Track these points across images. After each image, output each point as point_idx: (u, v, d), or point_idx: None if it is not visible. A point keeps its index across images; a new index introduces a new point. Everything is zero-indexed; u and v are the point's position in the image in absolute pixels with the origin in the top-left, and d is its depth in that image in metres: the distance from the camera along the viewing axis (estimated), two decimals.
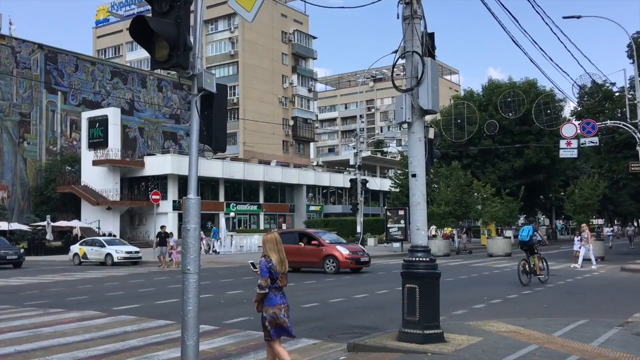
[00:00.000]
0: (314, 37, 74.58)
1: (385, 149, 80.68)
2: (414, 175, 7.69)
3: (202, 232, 36.96)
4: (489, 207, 34.82)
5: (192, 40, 4.84)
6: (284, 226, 50.66)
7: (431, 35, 8.09)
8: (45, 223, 39.02)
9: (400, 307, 7.46)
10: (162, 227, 27.89)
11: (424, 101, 7.54)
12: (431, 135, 8.62)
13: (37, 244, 38.16)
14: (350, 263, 20.23)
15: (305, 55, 72.73)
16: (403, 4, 7.78)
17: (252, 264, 6.04)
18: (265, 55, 67.18)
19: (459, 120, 35.46)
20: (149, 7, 4.98)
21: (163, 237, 26.13)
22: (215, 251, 35.72)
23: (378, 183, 58.02)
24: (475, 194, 36.40)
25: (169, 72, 65.20)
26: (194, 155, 4.87)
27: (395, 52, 8.20)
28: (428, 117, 10.00)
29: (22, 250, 29.55)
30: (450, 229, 37.41)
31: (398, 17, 7.88)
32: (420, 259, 7.35)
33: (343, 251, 20.30)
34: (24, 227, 39.97)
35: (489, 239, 33.13)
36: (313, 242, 20.82)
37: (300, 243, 20.80)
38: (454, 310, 10.88)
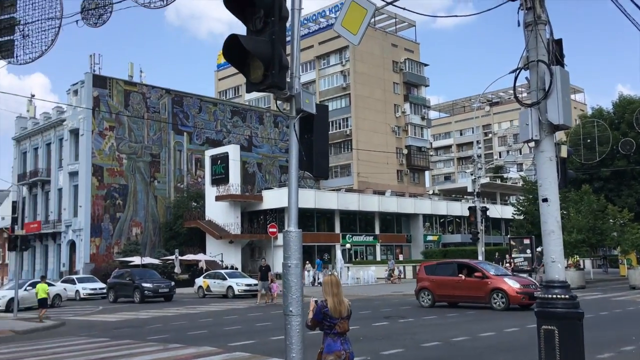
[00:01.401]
0: (426, 65, 73.56)
1: (505, 175, 76.95)
2: (545, 200, 6.70)
3: (307, 264, 37.12)
4: (628, 234, 31.49)
5: (289, 58, 4.42)
6: (400, 257, 49.41)
7: (558, 42, 7.17)
8: (173, 257, 41.02)
9: (534, 349, 6.43)
10: (264, 259, 27.66)
11: (553, 115, 6.59)
12: (564, 153, 7.57)
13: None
14: (523, 298, 17.80)
15: (417, 83, 71.83)
16: (524, 10, 6.95)
17: (315, 301, 5.47)
18: (376, 86, 67.19)
19: (588, 141, 32.69)
20: None
21: (264, 270, 25.23)
22: (320, 283, 35.38)
23: (499, 210, 55.07)
24: (611, 220, 33.15)
25: (284, 108, 67.34)
26: (294, 184, 4.39)
27: (513, 71, 7.38)
28: (558, 134, 8.90)
29: (172, 284, 29.80)
30: (575, 257, 34.23)
31: (519, 25, 7.07)
32: (559, 296, 6.30)
33: (513, 284, 18.09)
34: (155, 261, 42.22)
35: (630, 269, 29.78)
36: (476, 274, 18.81)
37: (460, 275, 19.08)
38: (598, 353, 9.47)
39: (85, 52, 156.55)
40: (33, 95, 59.41)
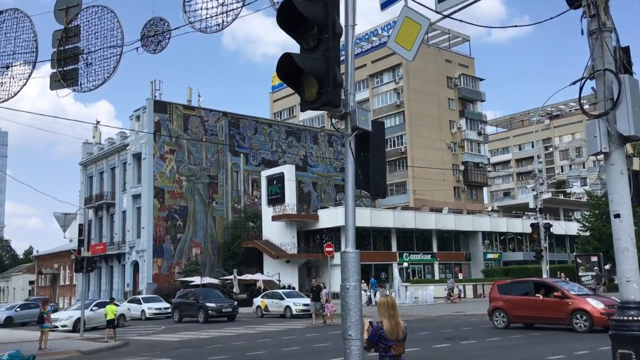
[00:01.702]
0: (481, 79, 72.32)
1: (568, 190, 74.19)
2: (617, 216, 6.29)
3: (362, 283, 36.57)
4: None
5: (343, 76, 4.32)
6: (460, 276, 48.17)
7: (626, 50, 6.81)
8: (232, 277, 41.46)
9: None
10: (314, 280, 27.47)
11: (623, 126, 6.22)
12: (636, 166, 7.13)
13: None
14: (608, 319, 16.95)
15: (472, 99, 70.62)
16: (588, 17, 6.64)
17: (370, 322, 5.26)
18: (431, 102, 66.47)
19: None
20: None
21: (315, 291, 24.70)
22: (376, 303, 34.90)
23: (563, 227, 52.96)
24: None
25: (338, 128, 67.18)
26: (350, 204, 4.26)
27: (576, 82, 7.04)
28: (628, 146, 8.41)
29: (236, 303, 29.91)
30: None
31: (582, 33, 6.76)
32: (635, 318, 5.88)
33: (597, 305, 16.86)
34: (214, 281, 42.78)
35: None
36: (555, 293, 17.75)
37: (538, 295, 18.07)
38: None
39: (147, 78, 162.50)
40: (98, 122, 62.10)
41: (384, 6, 7.98)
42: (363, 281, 41.11)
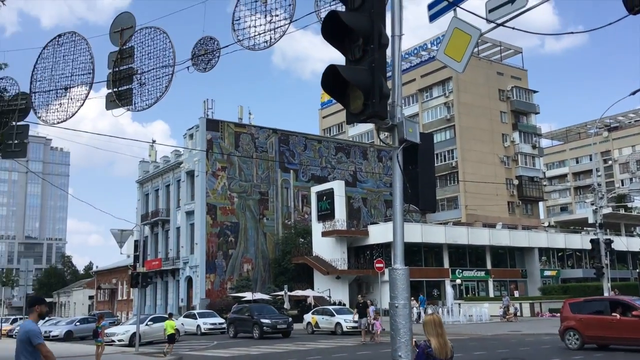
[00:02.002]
0: (535, 92, 70.53)
1: (629, 204, 71.09)
2: None
3: (412, 300, 35.74)
4: None
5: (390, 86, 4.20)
6: (516, 293, 46.60)
7: None
8: (283, 292, 41.50)
9: None
10: (360, 296, 26.64)
11: None
12: None
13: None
14: None
15: (526, 111, 68.89)
16: None
17: (415, 342, 5.02)
18: (482, 116, 65.24)
19: None
20: None
21: (362, 307, 23.97)
22: None
23: (624, 242, 50.64)
24: None
25: (387, 141, 66.39)
26: (399, 219, 4.11)
27: (635, 93, 6.69)
28: None
29: (290, 319, 29.60)
30: None
31: None
32: None
33: None
34: (266, 297, 42.91)
35: None
36: (634, 312, 16.71)
37: (614, 314, 17.14)
38: None
39: (200, 97, 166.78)
40: (154, 141, 63.96)
41: (432, 18, 7.84)
42: (412, 298, 40.41)
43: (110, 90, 10.68)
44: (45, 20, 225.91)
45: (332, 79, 4.21)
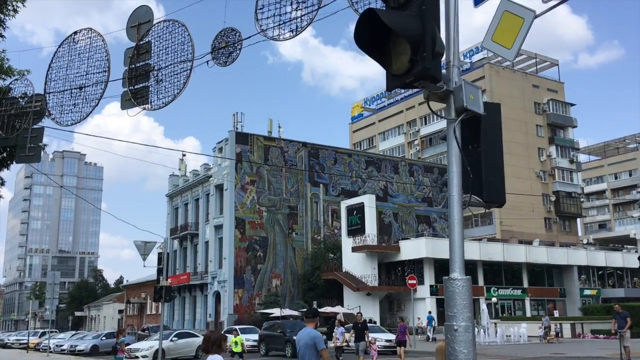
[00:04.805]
0: (572, 104, 68.34)
1: None
2: None
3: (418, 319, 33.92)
4: None
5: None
6: (555, 313, 44.58)
7: None
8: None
9: None
10: (359, 314, 21.77)
11: None
12: None
13: None
14: None
15: (563, 125, 66.74)
16: None
17: None
18: (517, 129, 63.35)
19: None
20: (399, 98, 3.37)
21: (361, 328, 19.61)
22: (434, 339, 32.89)
23: None
24: None
25: (419, 157, 65.02)
26: (456, 213, 3.12)
27: None
28: None
29: (324, 337, 28.17)
30: None
31: None
32: None
33: None
34: (295, 313, 41.89)
35: None
36: None
37: None
38: None
39: (230, 112, 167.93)
40: (184, 154, 63.38)
41: (477, 2, 6.93)
42: (419, 317, 38.71)
43: (126, 89, 10.01)
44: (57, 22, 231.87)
45: (368, 29, 3.24)
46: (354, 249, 44.97)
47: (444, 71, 3.28)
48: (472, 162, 3.22)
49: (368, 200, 46.76)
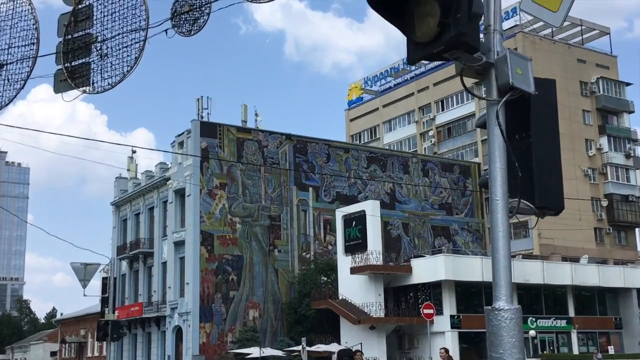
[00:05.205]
0: (628, 84, 68.89)
1: None
2: None
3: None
4: None
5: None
6: (610, 349, 45.06)
7: None
8: (300, 347, 40.46)
9: None
10: (357, 352, 21.59)
11: None
12: None
13: None
14: None
15: (616, 110, 67.27)
16: None
17: None
18: (559, 116, 63.80)
19: None
20: (408, 77, 3.30)
21: None
22: None
23: None
24: None
25: (435, 151, 65.41)
26: (501, 222, 3.05)
27: None
28: None
29: None
30: None
31: None
32: None
33: None
34: (278, 353, 42.04)
35: None
36: None
37: None
38: None
39: (194, 95, 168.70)
40: (134, 151, 62.54)
41: None
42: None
43: (60, 66, 9.88)
44: None
45: None
46: (354, 270, 45.10)
47: (482, 38, 3.22)
48: (520, 157, 3.15)
49: (370, 208, 46.91)
